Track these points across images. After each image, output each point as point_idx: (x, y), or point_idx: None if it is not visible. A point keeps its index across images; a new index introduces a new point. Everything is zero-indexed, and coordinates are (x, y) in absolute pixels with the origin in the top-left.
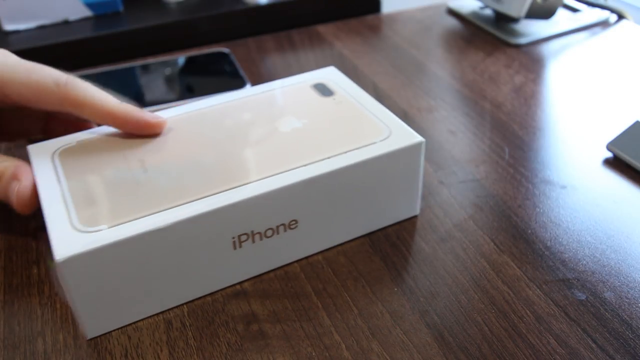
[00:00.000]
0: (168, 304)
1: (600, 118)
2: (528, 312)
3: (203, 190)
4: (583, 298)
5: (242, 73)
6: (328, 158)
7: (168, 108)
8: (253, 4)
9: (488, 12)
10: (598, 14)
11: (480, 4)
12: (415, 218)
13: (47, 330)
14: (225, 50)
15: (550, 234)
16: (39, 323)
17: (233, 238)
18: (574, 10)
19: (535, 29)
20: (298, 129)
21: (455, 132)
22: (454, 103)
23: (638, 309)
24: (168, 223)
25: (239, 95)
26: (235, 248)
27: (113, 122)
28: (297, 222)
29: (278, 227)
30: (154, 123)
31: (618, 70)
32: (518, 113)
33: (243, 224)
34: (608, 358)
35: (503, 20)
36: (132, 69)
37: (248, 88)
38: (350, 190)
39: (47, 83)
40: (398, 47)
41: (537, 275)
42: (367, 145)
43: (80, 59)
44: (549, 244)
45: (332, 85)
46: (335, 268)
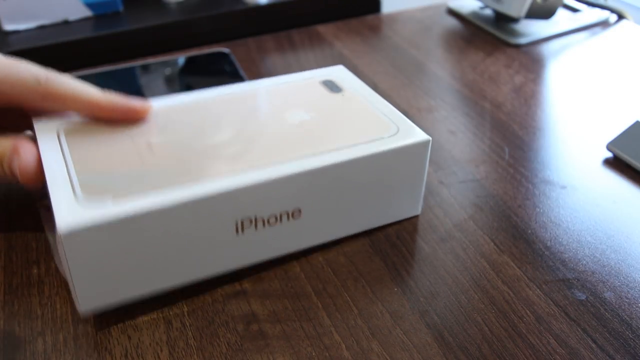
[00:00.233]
0: (166, 284)
1: (600, 118)
2: (528, 312)
3: (209, 173)
4: (583, 298)
5: (242, 73)
6: (336, 150)
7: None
8: (253, 4)
9: (488, 12)
10: (598, 14)
11: (480, 4)
12: (416, 218)
13: (47, 330)
14: (225, 50)
15: (550, 234)
16: (39, 323)
17: (236, 222)
18: (574, 10)
19: (535, 29)
20: (306, 121)
21: (455, 132)
22: (454, 103)
23: (638, 309)
24: (173, 202)
25: (246, 87)
26: (238, 233)
27: (99, 112)
28: (300, 211)
29: (282, 214)
30: (140, 109)
31: (618, 70)
32: (518, 113)
33: (247, 208)
34: (608, 358)
35: (503, 20)
36: (132, 69)
37: (256, 80)
38: (356, 184)
39: (27, 80)
40: (398, 47)
41: (537, 275)
42: (375, 140)
43: (80, 59)
44: (549, 244)
45: (340, 83)
46: (335, 268)
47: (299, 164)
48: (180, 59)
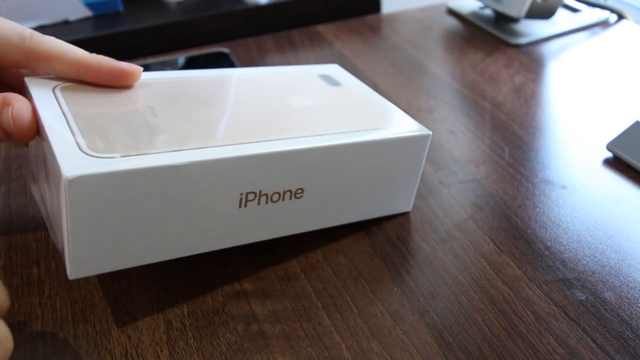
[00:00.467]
0: (164, 255)
1: (600, 118)
2: (528, 312)
3: (217, 140)
4: (583, 298)
5: None
6: (341, 133)
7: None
8: (253, 4)
9: (488, 12)
10: (598, 14)
11: (480, 4)
12: (417, 217)
13: (47, 331)
14: (225, 50)
15: (550, 234)
16: (39, 323)
17: (240, 194)
18: (574, 10)
19: (535, 29)
20: (309, 106)
21: (455, 132)
22: (454, 103)
23: (638, 309)
24: (182, 161)
25: (245, 71)
26: (241, 206)
27: (85, 72)
28: (303, 191)
29: (285, 192)
30: (130, 71)
31: (618, 70)
32: (518, 113)
33: (252, 180)
34: (608, 358)
35: (503, 20)
36: None
37: (253, 67)
38: (356, 169)
39: (11, 37)
40: (398, 47)
41: (537, 275)
42: (377, 129)
43: None
44: (549, 244)
45: (338, 78)
46: (335, 268)
47: (305, 141)
48: (180, 59)
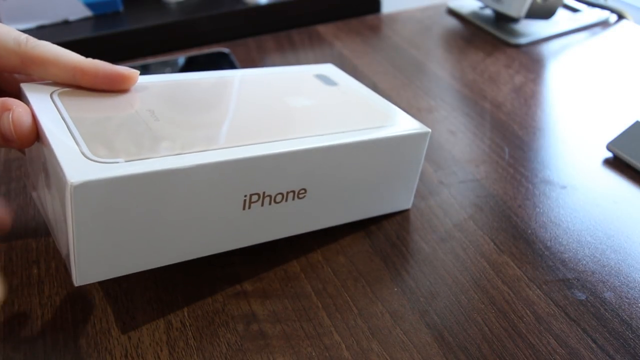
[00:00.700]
0: (170, 259)
1: (600, 118)
2: (528, 312)
3: (220, 142)
4: (583, 298)
5: None
6: (342, 132)
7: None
8: (253, 4)
9: (488, 12)
10: (598, 14)
11: (480, 4)
12: (417, 217)
13: (47, 331)
14: (225, 50)
15: (550, 234)
16: (39, 323)
17: (244, 196)
18: (574, 10)
19: (535, 29)
20: (308, 106)
21: (455, 132)
22: (454, 103)
23: (638, 309)
24: (188, 164)
25: (242, 72)
26: (245, 208)
27: (82, 77)
28: (305, 191)
29: (288, 193)
30: (127, 74)
31: (618, 70)
32: (518, 113)
33: (256, 182)
34: (608, 358)
35: (503, 20)
36: None
37: (248, 69)
38: (358, 168)
39: (7, 41)
40: (398, 47)
41: (537, 275)
42: (377, 127)
43: None
44: (549, 244)
45: (334, 78)
46: (335, 268)
47: (307, 141)
48: (180, 59)
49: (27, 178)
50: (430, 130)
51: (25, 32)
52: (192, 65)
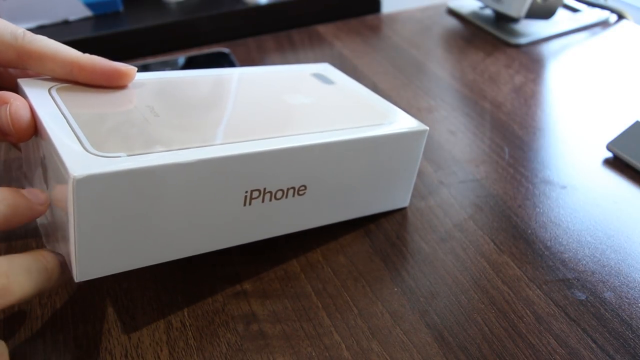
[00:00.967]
0: (171, 255)
1: (600, 118)
2: (528, 312)
3: (220, 138)
4: (583, 298)
5: None
6: (342, 129)
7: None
8: (253, 4)
9: (488, 12)
10: (598, 14)
11: (480, 4)
12: (409, 215)
13: (47, 331)
14: (225, 50)
15: (550, 234)
16: (39, 323)
17: (246, 192)
18: (574, 10)
19: (535, 29)
20: (306, 104)
21: (455, 132)
22: (454, 103)
23: (638, 309)
24: (191, 159)
25: (240, 70)
26: (246, 204)
27: (79, 72)
28: (305, 188)
29: (288, 189)
30: (124, 71)
31: (618, 70)
32: (518, 113)
33: (257, 178)
34: (608, 358)
35: (503, 20)
36: None
37: (245, 67)
38: (357, 165)
39: (4, 35)
40: (398, 47)
41: (537, 275)
42: (375, 125)
43: None
44: (549, 244)
45: (331, 76)
46: (335, 268)
47: (308, 138)
48: (180, 59)
49: (24, 176)
50: (428, 128)
51: None
52: (192, 65)
